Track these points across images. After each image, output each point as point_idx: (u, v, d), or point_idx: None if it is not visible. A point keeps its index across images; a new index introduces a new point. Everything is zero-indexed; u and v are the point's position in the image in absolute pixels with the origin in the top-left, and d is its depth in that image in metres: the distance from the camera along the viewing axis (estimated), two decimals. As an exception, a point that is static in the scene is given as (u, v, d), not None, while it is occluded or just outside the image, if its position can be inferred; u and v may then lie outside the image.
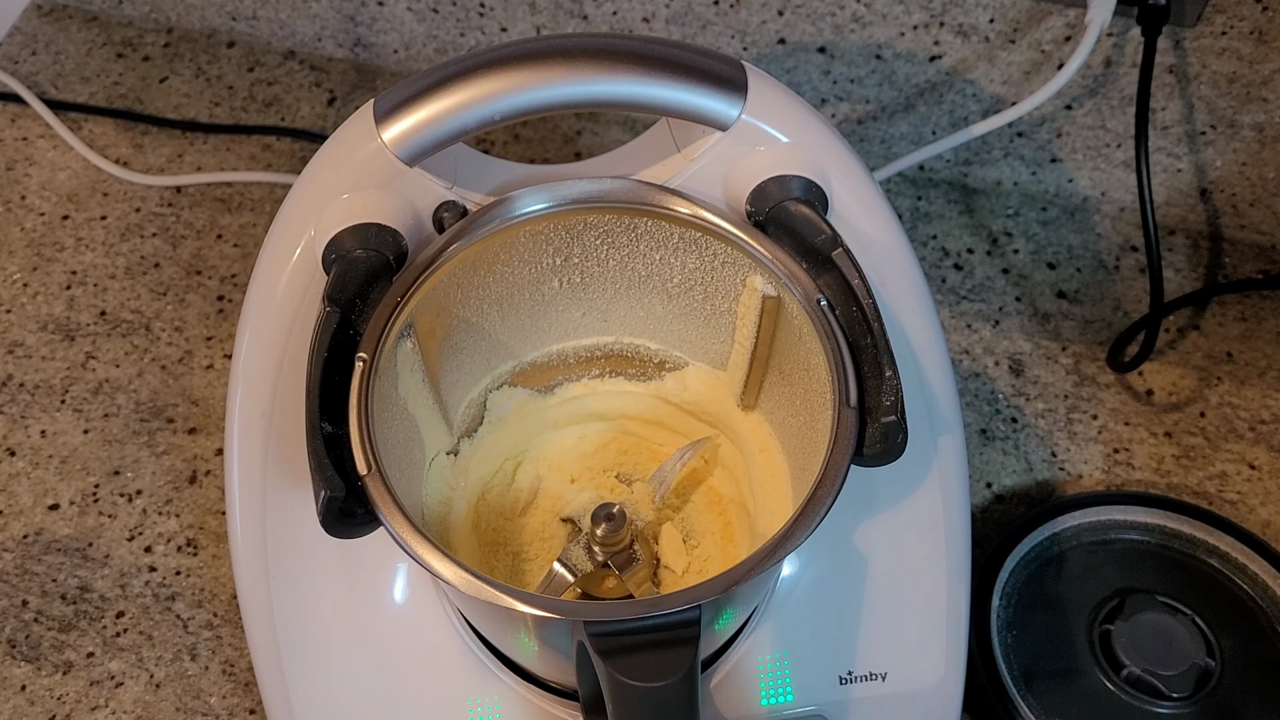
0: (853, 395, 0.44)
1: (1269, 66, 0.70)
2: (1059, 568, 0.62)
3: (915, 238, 0.81)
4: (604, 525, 0.53)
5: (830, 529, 0.53)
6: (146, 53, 0.92)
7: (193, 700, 0.63)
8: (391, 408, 0.47)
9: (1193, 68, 0.72)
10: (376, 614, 0.53)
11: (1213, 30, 0.69)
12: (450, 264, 0.49)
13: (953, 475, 0.55)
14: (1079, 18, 0.70)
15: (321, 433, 0.42)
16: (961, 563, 0.55)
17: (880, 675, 0.54)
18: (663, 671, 0.38)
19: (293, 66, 0.91)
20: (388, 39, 0.88)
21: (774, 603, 0.54)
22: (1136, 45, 0.71)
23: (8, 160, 0.86)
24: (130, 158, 0.86)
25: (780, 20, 0.76)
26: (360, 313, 0.47)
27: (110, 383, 0.75)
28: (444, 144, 0.49)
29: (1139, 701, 0.57)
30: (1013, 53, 0.74)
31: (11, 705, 0.63)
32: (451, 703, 0.53)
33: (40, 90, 0.90)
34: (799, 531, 0.41)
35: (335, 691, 0.53)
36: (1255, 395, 0.74)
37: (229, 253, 0.81)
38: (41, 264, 0.80)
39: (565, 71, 0.49)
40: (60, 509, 0.70)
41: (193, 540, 0.68)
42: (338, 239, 0.49)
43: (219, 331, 0.77)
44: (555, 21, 0.82)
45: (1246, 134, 0.75)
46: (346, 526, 0.41)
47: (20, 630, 0.65)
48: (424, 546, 0.41)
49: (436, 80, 0.49)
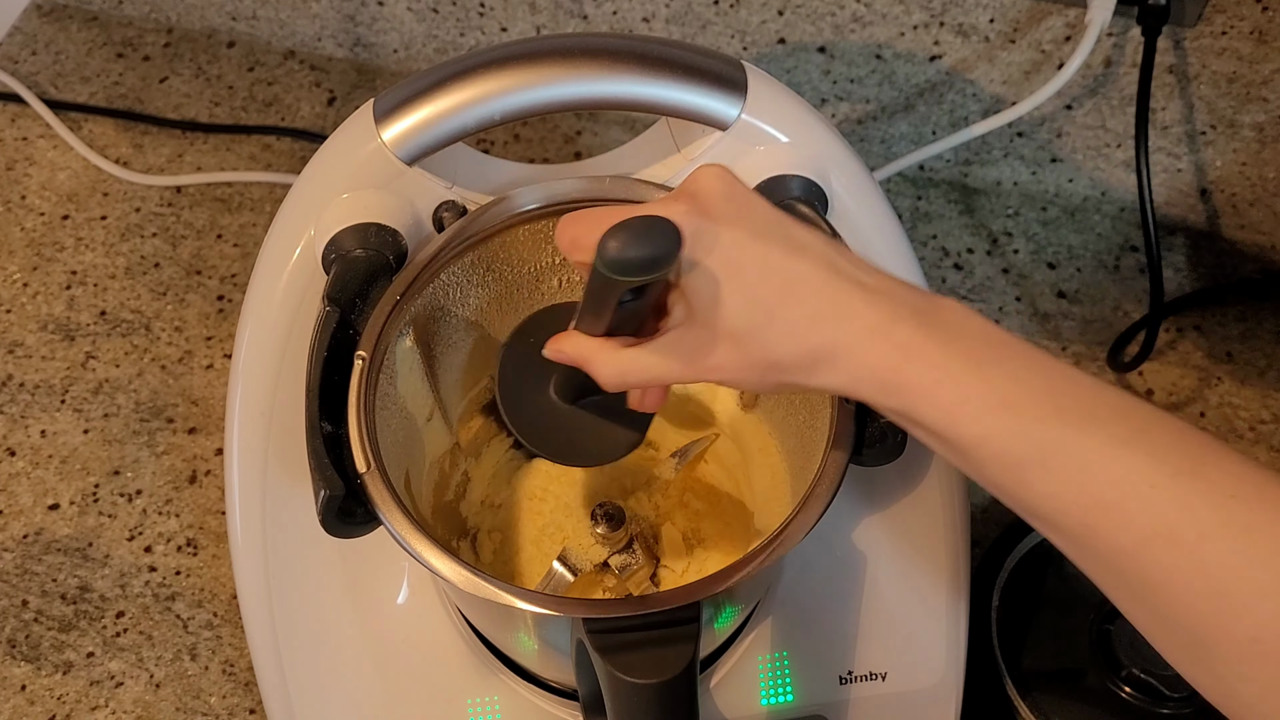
0: (852, 394, 0.44)
1: (1269, 66, 0.70)
2: (1059, 567, 0.62)
3: (915, 238, 0.81)
4: (604, 524, 0.53)
5: (830, 528, 0.53)
6: (146, 53, 0.92)
7: (193, 700, 0.63)
8: (391, 406, 0.47)
9: (1193, 68, 0.72)
10: (377, 614, 0.53)
11: (1213, 30, 0.69)
12: (450, 264, 0.49)
13: (953, 475, 0.55)
14: (1079, 18, 0.70)
15: (321, 432, 0.42)
16: (961, 562, 0.55)
17: (880, 675, 0.54)
18: (662, 669, 0.38)
19: (293, 66, 0.91)
20: (388, 39, 0.88)
21: (774, 602, 0.54)
22: (1136, 45, 0.71)
23: (8, 160, 0.86)
24: (130, 158, 0.86)
25: (780, 20, 0.76)
26: (360, 312, 0.47)
27: (110, 383, 0.75)
28: (444, 144, 0.49)
29: (1139, 701, 0.57)
30: (1013, 53, 0.74)
31: (11, 705, 0.63)
32: (451, 702, 0.53)
33: (40, 90, 0.90)
34: (797, 530, 0.41)
35: (335, 691, 0.53)
36: (1255, 395, 0.73)
37: (229, 253, 0.81)
38: (41, 264, 0.80)
39: (565, 71, 0.49)
40: (60, 509, 0.70)
41: (193, 540, 0.68)
42: (337, 239, 0.49)
43: (219, 331, 0.77)
44: (555, 21, 0.82)
45: (1246, 134, 0.75)
46: (346, 526, 0.41)
47: (20, 630, 0.65)
48: (424, 544, 0.41)
49: (436, 80, 0.49)
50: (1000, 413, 0.35)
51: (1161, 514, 0.33)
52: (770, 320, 0.37)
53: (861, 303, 0.36)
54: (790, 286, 0.37)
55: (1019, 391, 0.35)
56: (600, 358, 0.40)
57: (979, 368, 0.35)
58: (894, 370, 0.36)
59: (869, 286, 0.37)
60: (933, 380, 0.35)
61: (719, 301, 0.37)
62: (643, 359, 0.40)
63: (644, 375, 0.40)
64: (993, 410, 0.35)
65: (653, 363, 0.40)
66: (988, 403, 0.35)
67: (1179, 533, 0.33)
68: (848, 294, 0.37)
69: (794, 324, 0.37)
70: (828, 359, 0.37)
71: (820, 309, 0.37)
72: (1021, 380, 0.35)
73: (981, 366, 0.35)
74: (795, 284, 0.37)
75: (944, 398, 0.35)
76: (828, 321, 0.37)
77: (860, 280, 0.37)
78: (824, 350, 0.37)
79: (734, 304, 0.37)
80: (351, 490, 0.41)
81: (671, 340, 0.39)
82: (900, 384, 0.36)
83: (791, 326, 0.37)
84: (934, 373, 0.36)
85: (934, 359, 0.36)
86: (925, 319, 0.36)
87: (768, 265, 0.37)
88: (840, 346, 0.36)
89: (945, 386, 0.35)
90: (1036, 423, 0.35)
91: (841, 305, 0.37)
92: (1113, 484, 0.34)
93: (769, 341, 0.37)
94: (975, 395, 0.35)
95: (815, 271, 0.37)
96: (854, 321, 0.36)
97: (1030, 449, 0.35)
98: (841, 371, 0.37)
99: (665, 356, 0.39)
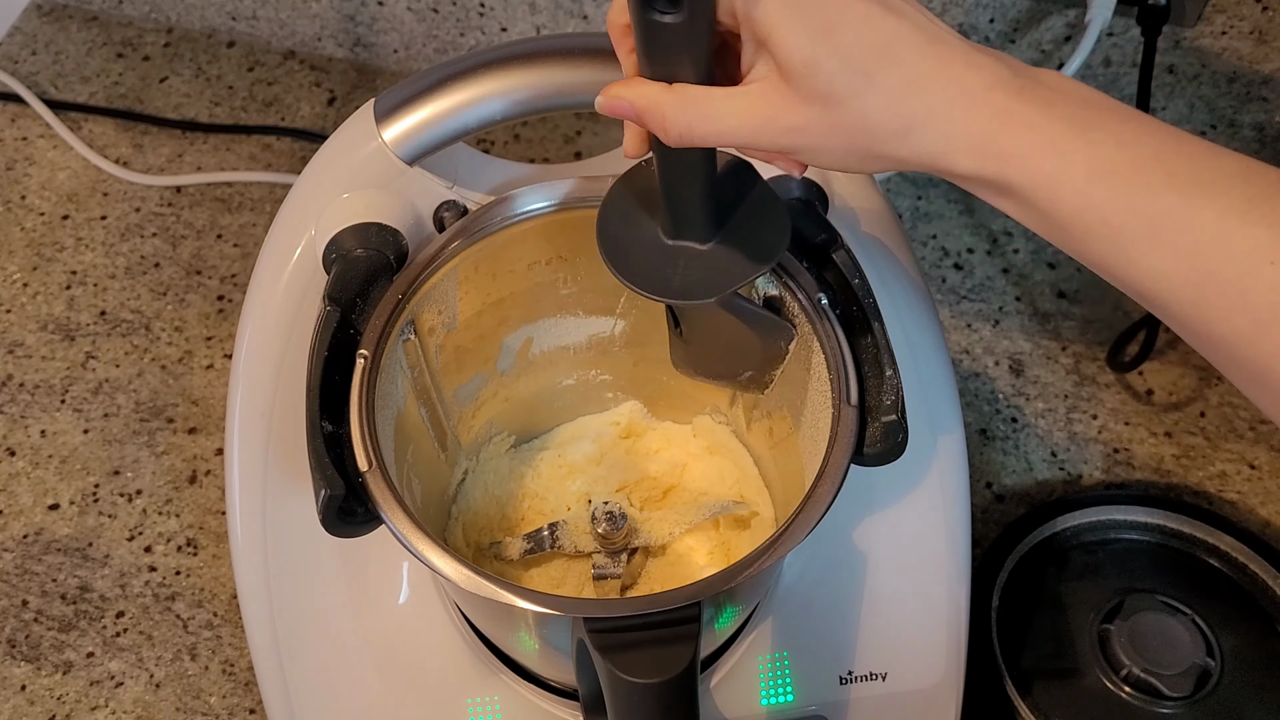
0: (853, 394, 0.44)
1: (1269, 66, 0.70)
2: (1059, 567, 0.62)
3: (915, 238, 0.81)
4: (604, 524, 0.53)
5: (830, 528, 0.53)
6: (146, 53, 0.92)
7: (193, 700, 0.63)
8: (392, 406, 0.47)
9: (1193, 68, 0.72)
10: (377, 613, 0.53)
11: (1213, 30, 0.69)
12: (450, 263, 0.49)
13: (953, 475, 0.55)
14: (1079, 18, 0.70)
15: (322, 431, 0.42)
16: (961, 562, 0.55)
17: (880, 675, 0.54)
18: (662, 668, 0.38)
19: (293, 66, 0.91)
20: (388, 39, 0.88)
21: (774, 602, 0.54)
22: (1136, 45, 0.71)
23: (8, 160, 0.86)
24: (130, 158, 0.86)
25: (780, 20, 0.76)
26: (360, 312, 0.47)
27: (110, 383, 0.75)
28: (444, 144, 0.49)
29: (1139, 701, 0.57)
30: (1013, 53, 0.74)
31: (11, 705, 0.63)
32: (451, 702, 0.53)
33: (40, 90, 0.90)
34: (798, 530, 0.41)
35: (335, 691, 0.53)
36: (1255, 395, 0.73)
37: (229, 253, 0.81)
38: (41, 264, 0.80)
39: (565, 71, 0.49)
40: (60, 509, 0.70)
41: (193, 540, 0.68)
42: (338, 238, 0.49)
43: (219, 331, 0.77)
44: (555, 21, 0.82)
45: (1246, 134, 0.75)
46: (347, 525, 0.41)
47: (20, 630, 0.65)
48: (425, 543, 0.41)
49: (436, 80, 0.49)
50: (1104, 181, 0.32)
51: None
52: (869, 83, 0.34)
53: (963, 65, 0.34)
54: (888, 48, 0.34)
55: (1125, 157, 0.32)
56: (667, 100, 0.36)
57: (1082, 132, 0.33)
58: (992, 137, 0.34)
59: (967, 50, 0.35)
60: (1032, 146, 0.33)
61: (814, 60, 0.34)
62: (716, 104, 0.35)
63: (716, 126, 0.36)
64: (1096, 178, 0.32)
65: (729, 111, 0.36)
66: (1091, 170, 0.32)
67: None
68: (948, 58, 0.34)
69: (892, 88, 0.34)
70: (921, 125, 0.34)
71: (920, 72, 0.34)
72: (1128, 145, 0.32)
73: (1085, 131, 0.33)
74: (894, 45, 0.34)
75: (1044, 165, 0.33)
76: (928, 85, 0.34)
77: (957, 44, 0.35)
78: (920, 115, 0.34)
79: (830, 64, 0.34)
80: (352, 490, 0.41)
81: (753, 91, 0.36)
82: (998, 151, 0.34)
83: (889, 91, 0.34)
84: (1034, 137, 0.33)
85: (1035, 123, 0.33)
86: (1025, 83, 0.34)
87: (868, 23, 0.34)
88: (937, 111, 0.34)
89: (1045, 153, 0.33)
90: (1144, 192, 0.32)
91: (942, 69, 0.34)
92: (1228, 259, 0.31)
93: (865, 107, 0.34)
94: (1078, 163, 0.33)
95: (914, 32, 0.34)
96: (953, 86, 0.34)
97: (1137, 221, 0.32)
98: (937, 138, 0.34)
99: (744, 106, 0.35)
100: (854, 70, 0.34)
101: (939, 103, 0.34)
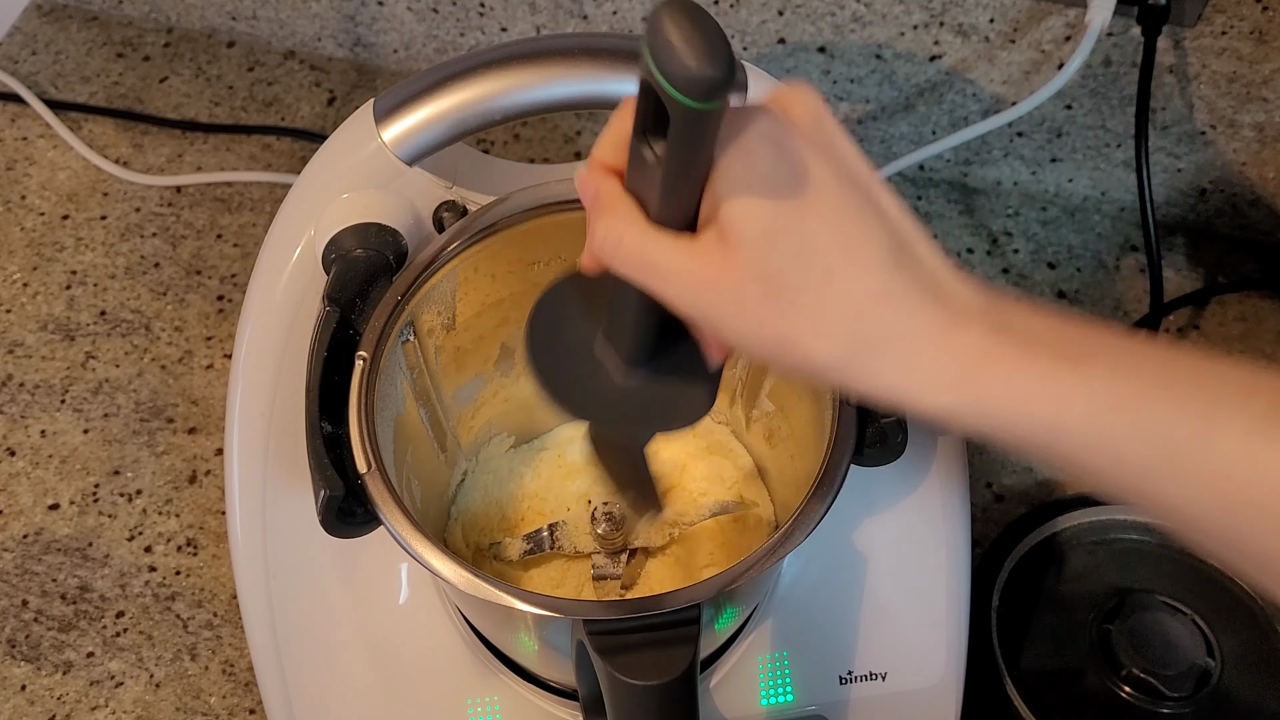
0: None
1: (1269, 66, 0.70)
2: (1059, 567, 0.62)
3: (915, 238, 0.81)
4: (604, 525, 0.53)
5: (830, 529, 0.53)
6: (146, 53, 0.92)
7: (193, 700, 0.63)
8: (391, 407, 0.47)
9: (1193, 68, 0.72)
10: (376, 614, 0.53)
11: (1213, 30, 0.69)
12: (450, 263, 0.49)
13: (953, 475, 0.55)
14: (1079, 18, 0.70)
15: (321, 432, 0.42)
16: (961, 562, 0.55)
17: (880, 675, 0.54)
18: (662, 670, 0.38)
19: (293, 66, 0.91)
20: (388, 39, 0.88)
21: (774, 603, 0.54)
22: (1136, 45, 0.71)
23: (8, 160, 0.86)
24: (130, 158, 0.86)
25: (780, 20, 0.76)
26: (360, 312, 0.47)
27: (110, 383, 0.75)
28: (444, 144, 0.49)
29: (1139, 701, 0.57)
30: (1013, 53, 0.74)
31: (11, 705, 0.63)
32: (451, 703, 0.53)
33: (40, 90, 0.90)
34: (798, 530, 0.41)
35: (335, 691, 0.53)
36: (1255, 395, 0.73)
37: (229, 253, 0.81)
38: (41, 264, 0.80)
39: (565, 71, 0.49)
40: (60, 509, 0.70)
41: (193, 540, 0.68)
42: (338, 239, 0.49)
43: (219, 331, 0.77)
44: (555, 21, 0.82)
45: (1246, 134, 0.75)
46: (346, 526, 0.41)
47: (20, 630, 0.65)
48: (424, 545, 0.41)
49: (436, 80, 0.49)
50: (1110, 416, 0.30)
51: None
52: (827, 282, 0.30)
53: (932, 299, 0.31)
54: (858, 250, 0.31)
55: (1129, 388, 0.30)
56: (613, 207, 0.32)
57: (1074, 366, 0.30)
58: (971, 377, 0.31)
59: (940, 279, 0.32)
60: (1020, 386, 0.30)
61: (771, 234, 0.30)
62: (651, 240, 0.31)
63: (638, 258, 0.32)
64: (1101, 414, 0.30)
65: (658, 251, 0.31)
66: (1094, 406, 0.30)
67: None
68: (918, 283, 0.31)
69: (848, 296, 0.30)
70: (882, 352, 0.31)
71: (887, 287, 0.30)
72: (1128, 374, 0.30)
73: (1077, 364, 0.30)
74: (863, 248, 0.31)
75: (1038, 408, 0.30)
76: (891, 304, 0.31)
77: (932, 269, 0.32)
78: (878, 339, 0.31)
79: (788, 244, 0.30)
80: (352, 490, 0.41)
81: (693, 246, 0.31)
82: (981, 396, 0.31)
83: (845, 298, 0.30)
84: (1020, 377, 0.30)
85: (1018, 361, 0.30)
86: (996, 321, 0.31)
87: (844, 213, 0.30)
88: (900, 338, 0.31)
89: (1035, 394, 0.30)
90: (1156, 422, 0.29)
91: (910, 291, 0.31)
92: (1262, 484, 0.28)
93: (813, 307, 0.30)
94: (1077, 399, 0.30)
95: (888, 241, 0.31)
96: (922, 315, 0.31)
97: (1152, 452, 0.29)
98: (901, 370, 0.31)
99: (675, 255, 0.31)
100: (813, 261, 0.30)
101: (904, 329, 0.31)
